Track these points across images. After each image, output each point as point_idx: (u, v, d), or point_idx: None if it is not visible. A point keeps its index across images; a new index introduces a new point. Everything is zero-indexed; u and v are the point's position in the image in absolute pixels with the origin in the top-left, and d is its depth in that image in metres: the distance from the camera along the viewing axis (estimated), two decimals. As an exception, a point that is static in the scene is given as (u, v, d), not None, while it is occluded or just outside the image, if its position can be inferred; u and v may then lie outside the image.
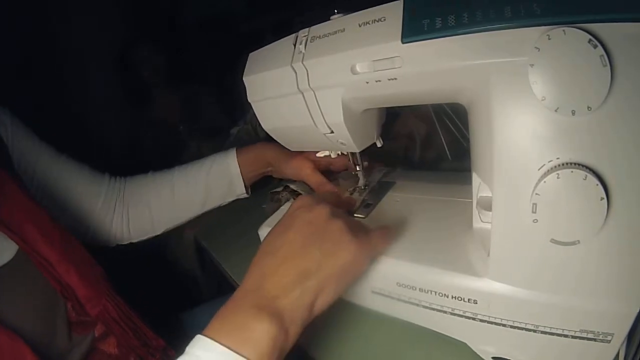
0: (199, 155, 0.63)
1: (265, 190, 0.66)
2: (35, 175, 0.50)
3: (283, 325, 0.27)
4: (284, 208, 0.52)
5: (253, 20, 1.78)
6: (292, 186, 0.57)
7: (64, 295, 0.40)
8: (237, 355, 0.25)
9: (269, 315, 0.27)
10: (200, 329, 0.27)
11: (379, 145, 0.47)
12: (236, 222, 0.62)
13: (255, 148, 0.60)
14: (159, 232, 0.62)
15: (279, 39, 0.41)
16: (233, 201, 0.63)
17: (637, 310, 0.27)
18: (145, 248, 0.63)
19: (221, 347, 0.25)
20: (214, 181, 0.60)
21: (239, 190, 0.61)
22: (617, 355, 0.29)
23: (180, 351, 0.26)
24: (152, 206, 0.60)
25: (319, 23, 0.38)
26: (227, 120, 1.25)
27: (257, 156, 0.60)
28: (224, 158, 0.60)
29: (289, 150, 0.54)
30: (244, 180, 0.60)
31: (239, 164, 0.59)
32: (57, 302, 0.41)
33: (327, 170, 0.57)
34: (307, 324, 0.29)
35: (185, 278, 1.16)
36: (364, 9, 0.34)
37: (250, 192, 0.63)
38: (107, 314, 0.43)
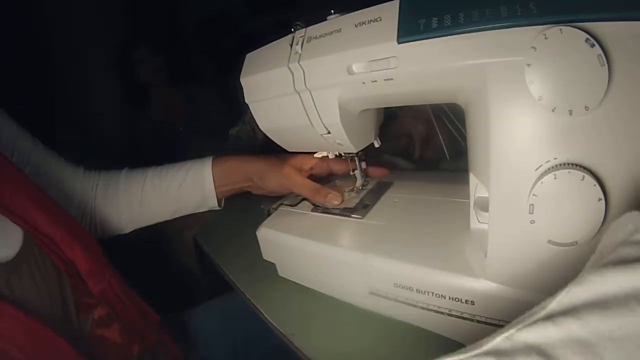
0: (198, 155, 0.62)
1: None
2: (13, 159, 0.48)
3: None
4: (289, 209, 0.52)
5: (253, 20, 1.78)
6: (286, 203, 0.53)
7: (69, 274, 0.40)
8: None
9: None
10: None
11: (376, 145, 0.47)
12: (235, 222, 0.62)
13: (233, 160, 0.56)
14: (126, 231, 0.59)
15: (279, 39, 0.41)
16: (232, 201, 0.60)
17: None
18: (144, 247, 0.63)
19: None
20: (186, 191, 0.56)
21: (212, 203, 0.57)
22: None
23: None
24: (121, 205, 0.56)
25: (317, 23, 0.37)
26: (227, 121, 1.25)
27: (234, 169, 0.55)
28: (199, 167, 0.56)
29: (274, 161, 0.52)
30: (216, 194, 0.56)
31: (213, 175, 0.55)
32: (65, 284, 0.40)
33: (326, 175, 0.55)
34: None
35: (184, 278, 1.16)
36: (361, 9, 0.34)
37: (222, 206, 0.59)
38: (112, 289, 0.42)
